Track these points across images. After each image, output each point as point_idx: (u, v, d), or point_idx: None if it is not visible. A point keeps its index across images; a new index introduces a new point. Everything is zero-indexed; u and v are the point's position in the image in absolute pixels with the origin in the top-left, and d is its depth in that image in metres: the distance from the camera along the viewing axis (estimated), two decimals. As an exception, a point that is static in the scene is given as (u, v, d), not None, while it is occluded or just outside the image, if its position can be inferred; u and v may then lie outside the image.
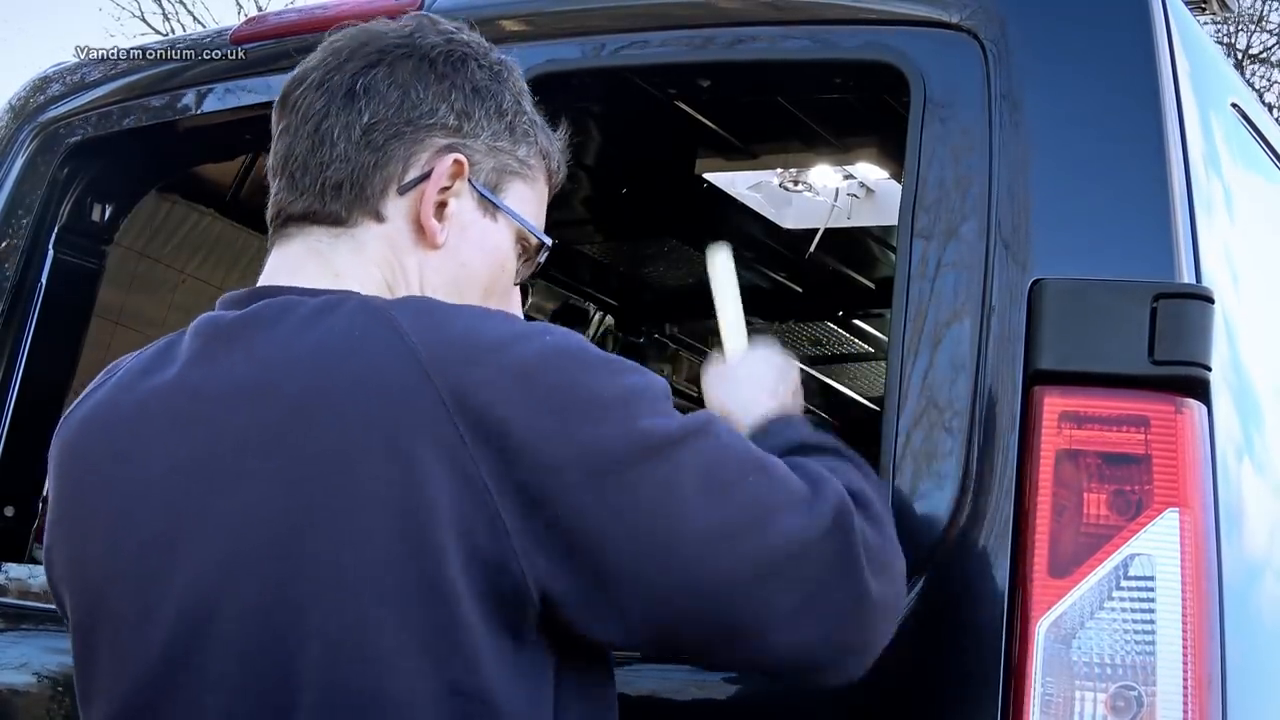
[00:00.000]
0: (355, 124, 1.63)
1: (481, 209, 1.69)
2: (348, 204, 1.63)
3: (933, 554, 1.87)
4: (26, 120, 3.03)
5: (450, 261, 1.67)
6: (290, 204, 1.66)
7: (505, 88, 1.71)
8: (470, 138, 1.67)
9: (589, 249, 4.07)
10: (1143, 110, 1.94)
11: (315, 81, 1.66)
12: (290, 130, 1.66)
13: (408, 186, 1.64)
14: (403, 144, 1.64)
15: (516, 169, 1.72)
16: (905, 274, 2.00)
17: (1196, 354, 1.81)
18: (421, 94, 1.65)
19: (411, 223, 1.65)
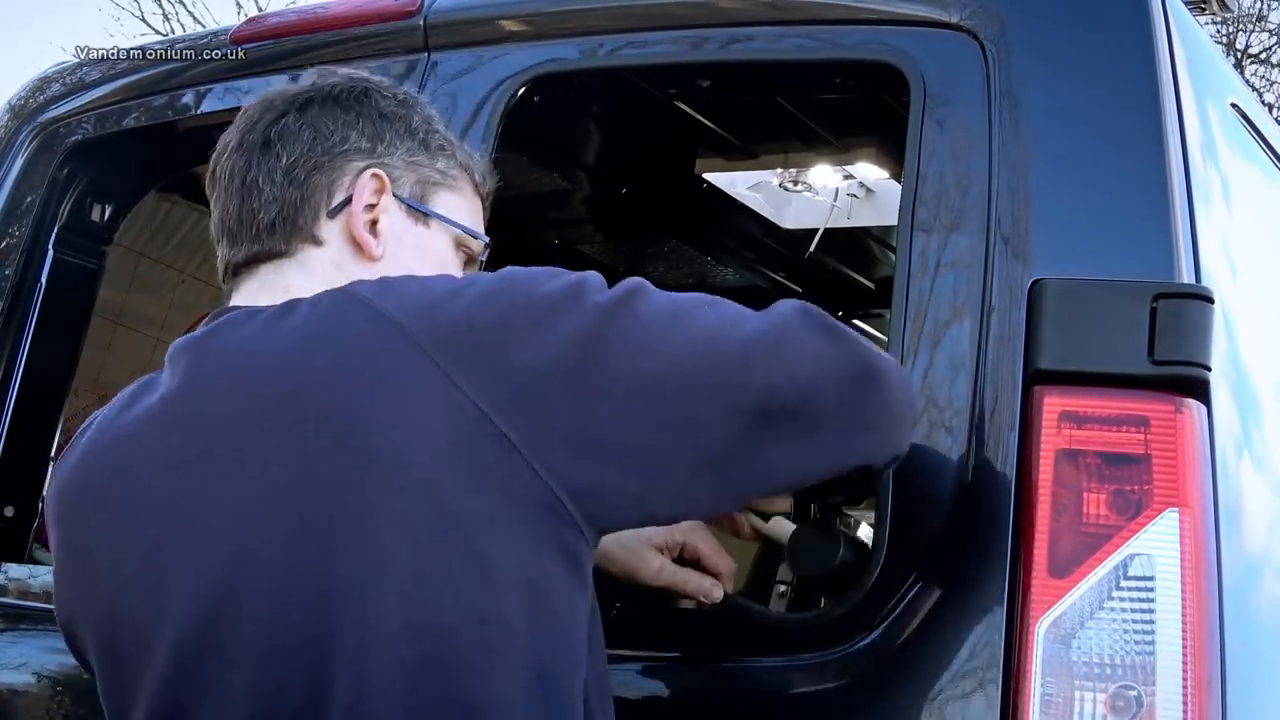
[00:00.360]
0: (276, 168, 1.72)
1: (412, 219, 1.78)
2: (284, 237, 1.73)
3: (932, 554, 1.87)
4: (26, 120, 3.03)
5: (393, 270, 1.72)
6: (233, 256, 1.76)
7: (413, 111, 1.81)
8: (386, 156, 1.76)
9: (589, 249, 4.07)
10: (1142, 110, 1.94)
11: (233, 145, 1.77)
12: (221, 196, 1.77)
13: (336, 210, 1.73)
14: (323, 174, 1.73)
15: (439, 180, 1.81)
16: (905, 274, 2.00)
17: (1196, 354, 1.81)
18: (331, 127, 1.74)
19: (349, 241, 1.73)
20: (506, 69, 2.41)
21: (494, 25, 2.49)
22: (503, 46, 2.46)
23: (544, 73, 2.41)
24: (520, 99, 2.39)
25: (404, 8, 2.54)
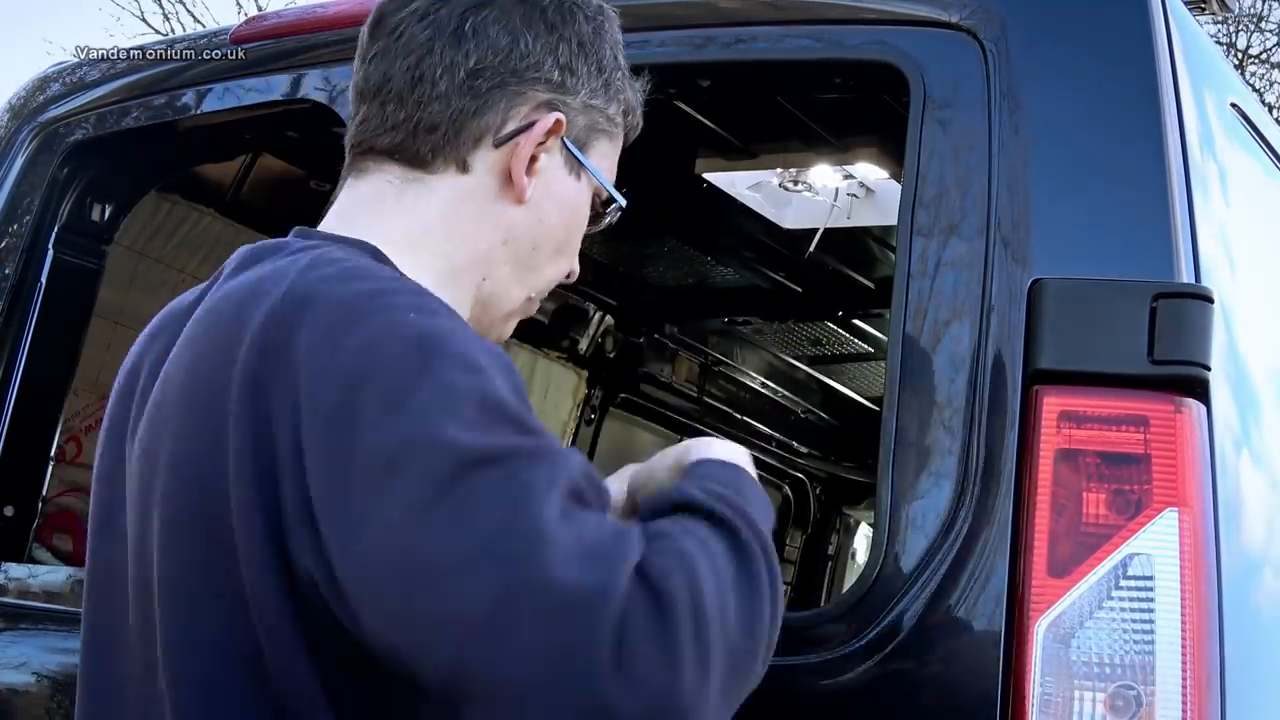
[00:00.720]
0: (460, 66, 1.58)
1: (568, 167, 1.67)
2: (435, 146, 1.59)
3: (932, 553, 1.87)
4: (26, 120, 3.03)
5: (531, 217, 1.64)
6: (377, 136, 1.61)
7: (605, 42, 1.69)
8: (570, 94, 1.64)
9: (589, 249, 4.07)
10: (1142, 110, 1.94)
11: (420, 10, 1.60)
12: (387, 57, 1.60)
13: (504, 139, 1.60)
14: (505, 94, 1.60)
15: (605, 126, 1.70)
16: (905, 273, 2.00)
17: (1196, 354, 1.81)
18: (530, 44, 1.61)
19: (499, 176, 1.61)
20: (506, 69, 2.41)
21: (494, 25, 2.48)
22: (503, 46, 2.46)
23: (544, 72, 2.41)
24: (520, 99, 2.39)
25: (405, 7, 2.54)
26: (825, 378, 5.05)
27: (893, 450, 1.93)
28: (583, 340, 4.35)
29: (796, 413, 5.13)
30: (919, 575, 1.87)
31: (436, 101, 1.58)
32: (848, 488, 5.48)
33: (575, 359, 4.40)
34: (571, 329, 4.32)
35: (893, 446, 1.93)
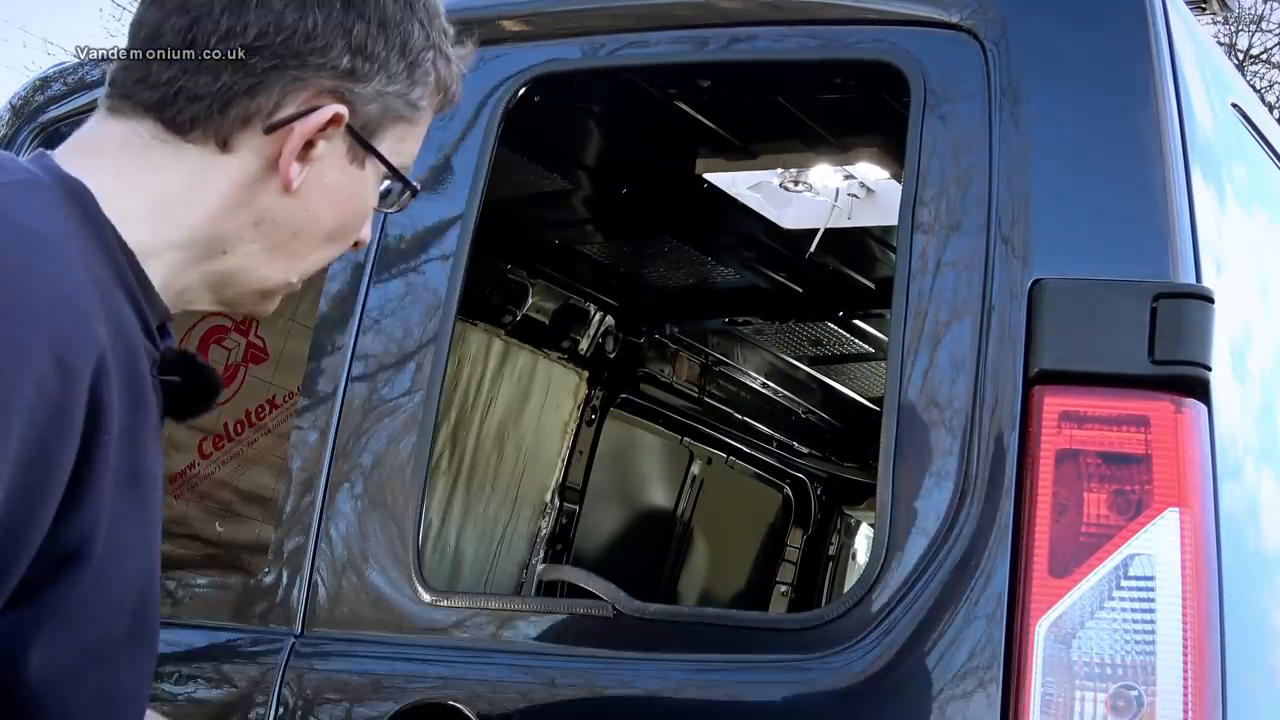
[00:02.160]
0: (236, 35, 1.43)
1: (350, 155, 1.51)
2: (196, 117, 1.45)
3: (932, 553, 1.87)
4: (27, 120, 3.03)
5: (296, 207, 1.50)
6: (138, 88, 1.46)
7: (415, 16, 1.52)
8: (361, 82, 1.48)
9: (589, 249, 4.07)
10: (1143, 110, 1.94)
11: None
12: (164, 6, 1.46)
13: (275, 125, 1.45)
14: (283, 77, 1.45)
15: (403, 111, 1.53)
16: (905, 273, 2.00)
17: (1196, 354, 1.81)
18: (319, 24, 1.45)
19: (263, 160, 1.47)
20: (506, 69, 2.41)
21: (494, 25, 2.48)
22: (503, 46, 2.46)
23: (544, 73, 2.41)
24: (520, 99, 2.39)
25: (403, 7, 2.54)
26: (826, 378, 5.05)
27: (894, 450, 1.93)
28: (583, 340, 4.34)
29: (797, 413, 5.13)
30: (920, 575, 1.87)
31: (206, 72, 1.44)
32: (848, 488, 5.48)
33: (575, 359, 4.40)
34: (572, 329, 4.31)
35: (894, 447, 1.93)
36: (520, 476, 4.40)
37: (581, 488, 4.51)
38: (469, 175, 2.34)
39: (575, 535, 4.47)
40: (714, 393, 4.80)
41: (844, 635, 1.89)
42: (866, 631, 1.87)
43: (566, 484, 4.49)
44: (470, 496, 4.24)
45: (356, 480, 2.32)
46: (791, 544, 5.52)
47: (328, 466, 2.32)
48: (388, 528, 2.25)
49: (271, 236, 1.51)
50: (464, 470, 4.22)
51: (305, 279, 1.59)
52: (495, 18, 2.49)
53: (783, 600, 5.46)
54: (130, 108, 1.47)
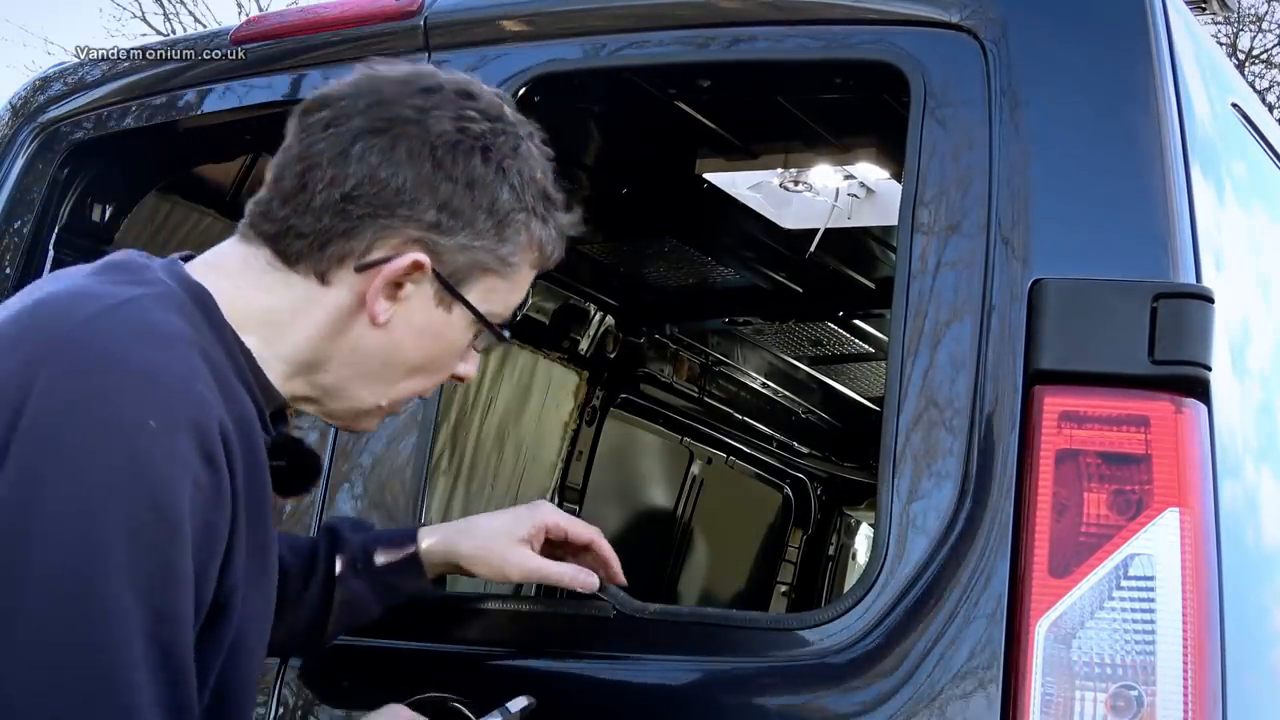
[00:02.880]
0: (337, 186, 1.64)
1: (437, 299, 1.70)
2: (300, 253, 1.66)
3: (933, 553, 1.87)
4: (27, 120, 3.03)
5: (384, 339, 1.69)
6: (262, 219, 1.69)
7: (507, 180, 1.69)
8: (446, 235, 1.66)
9: (589, 249, 4.07)
10: (1143, 110, 1.94)
11: (328, 119, 1.67)
12: (290, 153, 1.69)
13: (365, 266, 1.66)
14: (374, 224, 1.65)
15: (492, 265, 1.71)
16: (905, 273, 2.00)
17: (1196, 354, 1.81)
18: (410, 180, 1.64)
19: (356, 296, 1.67)
20: (507, 69, 2.41)
21: (494, 25, 2.48)
22: (503, 46, 2.46)
23: (544, 73, 2.41)
24: (521, 99, 2.39)
25: (404, 8, 2.54)
26: (826, 378, 5.04)
27: (894, 450, 1.93)
28: (583, 340, 4.34)
29: (797, 413, 5.12)
30: (920, 575, 1.87)
31: (310, 214, 1.65)
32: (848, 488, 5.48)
33: (575, 359, 4.40)
34: (572, 329, 4.31)
35: (894, 447, 1.93)
36: (520, 476, 4.40)
37: (581, 488, 4.51)
38: (469, 175, 2.34)
39: (575, 535, 4.47)
40: (714, 393, 4.79)
41: (844, 635, 1.89)
42: (866, 631, 1.87)
43: (566, 484, 4.49)
44: (470, 496, 4.24)
45: (356, 480, 2.32)
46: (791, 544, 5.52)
47: (328, 467, 2.32)
48: (387, 528, 2.25)
49: (364, 364, 1.71)
50: (464, 470, 4.22)
51: (399, 403, 1.79)
52: (495, 18, 2.49)
53: (783, 600, 5.46)
54: (254, 235, 1.69)
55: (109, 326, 1.49)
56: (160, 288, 1.60)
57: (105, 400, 1.43)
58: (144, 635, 1.41)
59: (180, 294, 1.61)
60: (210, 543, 1.49)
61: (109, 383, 1.44)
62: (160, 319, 1.54)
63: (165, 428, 1.43)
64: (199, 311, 1.61)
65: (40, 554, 1.38)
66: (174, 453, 1.43)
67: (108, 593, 1.39)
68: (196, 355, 1.53)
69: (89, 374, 1.45)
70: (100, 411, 1.42)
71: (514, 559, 2.05)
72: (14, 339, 1.50)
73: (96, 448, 1.41)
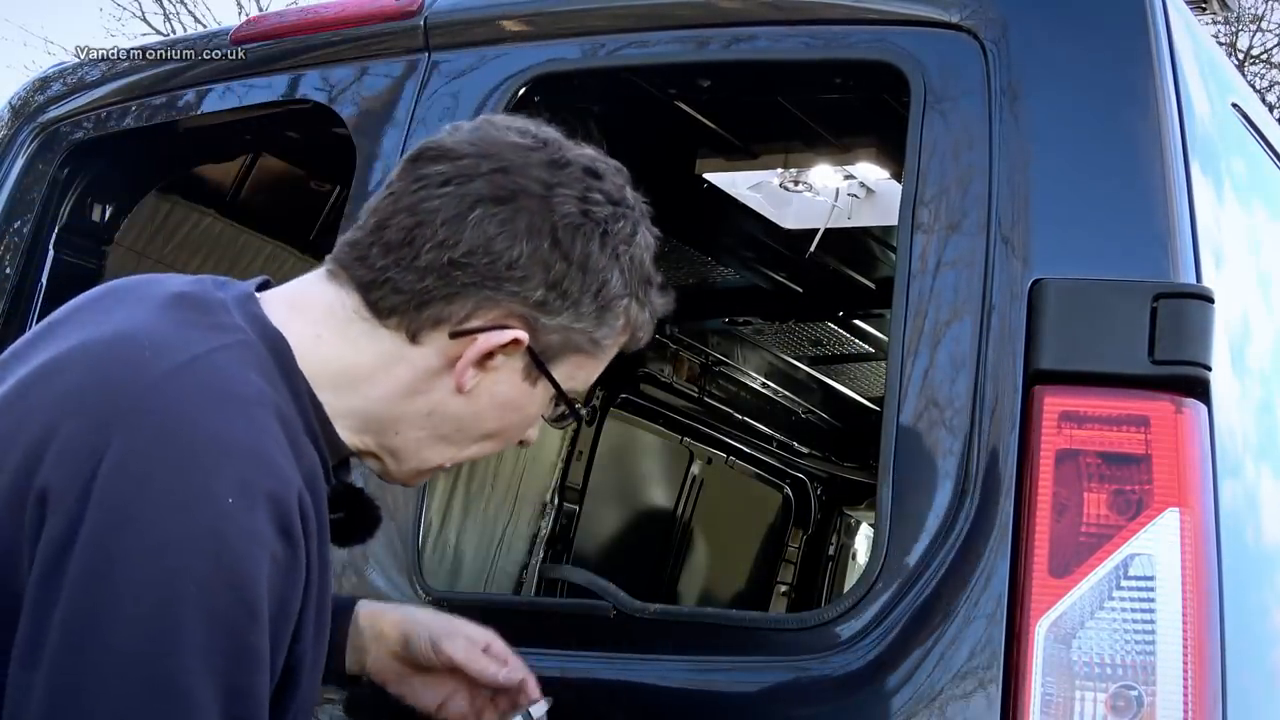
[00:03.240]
0: (448, 249, 1.57)
1: (524, 373, 1.65)
2: (394, 308, 1.60)
3: (932, 553, 1.87)
4: (27, 120, 3.03)
5: (465, 406, 1.65)
6: (357, 263, 1.62)
7: (619, 265, 1.64)
8: (550, 314, 1.61)
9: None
10: (1143, 110, 1.94)
11: (446, 176, 1.60)
12: (399, 201, 1.61)
13: (461, 333, 1.60)
14: (479, 294, 1.59)
15: (584, 346, 1.66)
16: (905, 273, 2.00)
17: (1197, 354, 1.81)
18: (524, 256, 1.58)
19: (445, 360, 1.61)
20: (507, 69, 2.41)
21: (494, 25, 2.49)
22: (503, 46, 2.46)
23: (544, 72, 2.41)
24: (520, 99, 2.39)
25: (404, 8, 2.54)
26: (826, 378, 5.05)
27: (894, 450, 1.93)
28: (583, 340, 4.34)
29: (797, 413, 5.13)
30: (920, 575, 1.87)
31: (413, 272, 1.58)
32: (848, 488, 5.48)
33: (575, 359, 4.40)
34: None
35: (894, 447, 1.93)
36: (520, 476, 4.40)
37: (581, 488, 4.51)
38: (469, 175, 2.34)
39: (575, 535, 4.47)
40: (714, 393, 4.80)
41: (844, 635, 1.89)
42: (866, 631, 1.87)
43: (566, 484, 4.49)
44: (470, 496, 4.24)
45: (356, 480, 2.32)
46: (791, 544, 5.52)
47: (328, 466, 2.32)
48: (388, 528, 2.25)
49: (439, 428, 1.67)
50: (464, 470, 4.22)
51: (459, 464, 1.76)
52: (495, 18, 2.49)
53: (783, 600, 5.47)
54: (345, 278, 1.62)
55: (184, 390, 1.44)
56: (237, 336, 1.54)
57: (182, 475, 1.38)
58: (220, 714, 1.38)
59: (258, 345, 1.55)
60: (285, 616, 1.46)
61: (185, 456, 1.39)
62: (238, 379, 1.49)
63: (243, 504, 1.39)
64: (275, 363, 1.55)
65: (115, 636, 1.35)
66: (253, 530, 1.40)
67: (184, 676, 1.36)
68: (274, 419, 1.48)
69: (165, 445, 1.40)
70: (176, 487, 1.38)
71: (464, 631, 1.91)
72: (78, 391, 1.44)
73: (172, 525, 1.37)
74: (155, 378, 1.44)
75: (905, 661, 1.84)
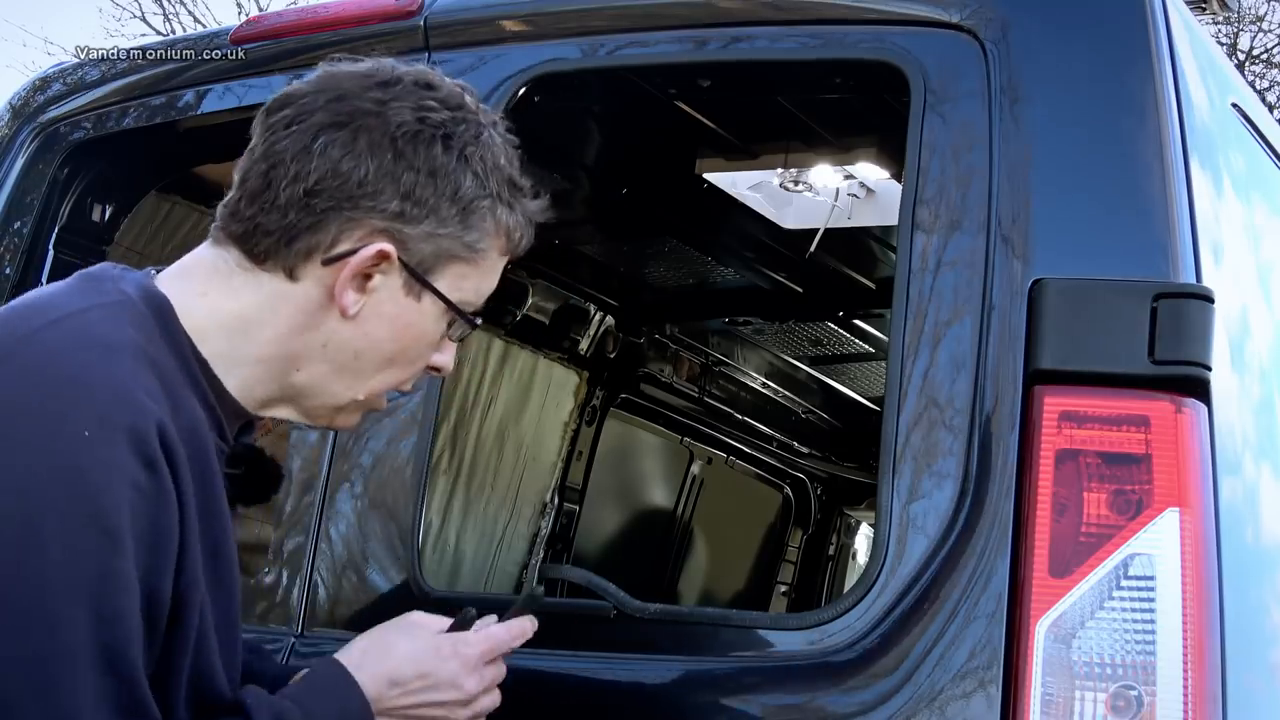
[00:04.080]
0: (301, 181, 1.65)
1: (406, 289, 1.70)
2: (268, 249, 1.67)
3: (933, 553, 1.87)
4: (27, 120, 3.03)
5: (356, 331, 1.69)
6: (229, 221, 1.71)
7: (470, 167, 1.70)
8: (411, 224, 1.67)
9: (589, 249, 4.06)
10: (1143, 110, 1.94)
11: (288, 118, 1.68)
12: (253, 154, 1.70)
13: (332, 259, 1.66)
14: (339, 217, 1.65)
15: (459, 253, 1.71)
16: (906, 273, 2.00)
17: (1197, 354, 1.81)
18: (371, 171, 1.65)
19: (325, 289, 1.67)
20: (507, 69, 2.41)
21: (494, 25, 2.49)
22: (503, 46, 2.46)
23: (544, 72, 2.41)
24: (520, 99, 2.39)
25: (404, 8, 2.54)
26: (826, 378, 5.05)
27: (894, 450, 1.93)
28: (583, 340, 4.34)
29: (797, 413, 5.13)
30: (920, 575, 1.87)
31: (275, 211, 1.66)
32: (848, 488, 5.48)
33: (575, 359, 4.40)
34: (572, 329, 4.31)
35: (894, 447, 1.93)
36: (520, 476, 4.40)
37: (581, 488, 4.51)
38: (469, 175, 2.34)
39: (575, 535, 4.47)
40: (714, 393, 4.79)
41: (844, 635, 1.89)
42: (866, 631, 1.87)
43: (566, 484, 4.49)
44: (470, 496, 4.24)
45: (356, 480, 2.32)
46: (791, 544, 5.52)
47: (328, 466, 2.32)
48: (388, 528, 2.26)
49: (337, 358, 1.71)
50: (464, 470, 4.22)
51: (376, 397, 1.79)
52: (495, 17, 2.49)
53: (783, 600, 5.46)
54: (223, 237, 1.71)
55: (50, 340, 1.52)
56: (115, 297, 1.61)
57: (41, 414, 1.46)
58: (89, 639, 1.43)
59: (137, 304, 1.62)
60: (158, 542, 1.50)
61: (46, 395, 1.46)
62: (106, 331, 1.56)
63: (101, 437, 1.45)
64: (155, 321, 1.62)
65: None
66: (110, 460, 1.45)
67: (51, 601, 1.42)
68: (142, 364, 1.55)
69: (24, 387, 1.47)
70: (33, 424, 1.45)
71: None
72: None
73: (32, 462, 1.44)
74: (26, 332, 1.53)
75: (905, 661, 1.84)
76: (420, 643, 1.79)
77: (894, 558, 1.89)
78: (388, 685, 1.74)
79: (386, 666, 1.74)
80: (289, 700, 1.67)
